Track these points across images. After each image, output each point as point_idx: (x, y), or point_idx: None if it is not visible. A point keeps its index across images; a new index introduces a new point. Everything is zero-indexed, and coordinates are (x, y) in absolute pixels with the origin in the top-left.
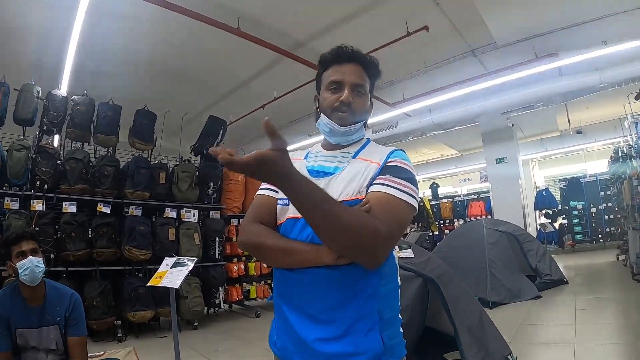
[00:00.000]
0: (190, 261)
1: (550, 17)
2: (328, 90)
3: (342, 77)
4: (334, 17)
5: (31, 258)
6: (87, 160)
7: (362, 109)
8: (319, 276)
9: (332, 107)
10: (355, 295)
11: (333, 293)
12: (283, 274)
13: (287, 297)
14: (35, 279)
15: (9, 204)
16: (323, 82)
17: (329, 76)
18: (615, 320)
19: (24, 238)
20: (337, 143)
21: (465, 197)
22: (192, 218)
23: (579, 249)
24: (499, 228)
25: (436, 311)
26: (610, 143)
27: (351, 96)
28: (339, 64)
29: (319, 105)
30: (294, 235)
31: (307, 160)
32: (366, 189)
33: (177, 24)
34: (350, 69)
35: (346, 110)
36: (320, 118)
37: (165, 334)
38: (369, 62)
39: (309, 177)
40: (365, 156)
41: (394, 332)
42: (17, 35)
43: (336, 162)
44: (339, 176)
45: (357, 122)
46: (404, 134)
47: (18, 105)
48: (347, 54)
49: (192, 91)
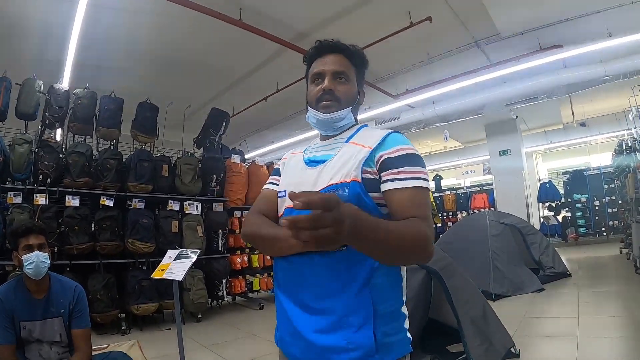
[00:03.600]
0: (193, 253)
1: (555, 8)
2: (312, 84)
3: (323, 67)
4: (337, 8)
5: (37, 252)
6: (89, 153)
7: (346, 96)
8: (310, 262)
9: (317, 97)
10: (347, 284)
11: (324, 280)
12: (278, 263)
13: (283, 286)
14: (40, 274)
15: (12, 198)
16: (308, 77)
17: (312, 70)
18: (618, 314)
19: (33, 232)
20: (327, 133)
21: (468, 189)
22: (195, 210)
23: (582, 242)
24: (502, 220)
25: (439, 303)
26: (614, 136)
27: (333, 84)
28: (321, 56)
29: (307, 100)
30: None
31: (305, 153)
32: (356, 171)
33: (179, 16)
34: (331, 59)
35: (329, 98)
36: (309, 111)
37: (169, 326)
38: (352, 51)
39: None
40: (357, 140)
41: (393, 328)
42: (18, 30)
43: (330, 149)
44: (331, 162)
45: (342, 108)
46: (407, 126)
47: (20, 99)
48: (328, 46)
49: (195, 83)
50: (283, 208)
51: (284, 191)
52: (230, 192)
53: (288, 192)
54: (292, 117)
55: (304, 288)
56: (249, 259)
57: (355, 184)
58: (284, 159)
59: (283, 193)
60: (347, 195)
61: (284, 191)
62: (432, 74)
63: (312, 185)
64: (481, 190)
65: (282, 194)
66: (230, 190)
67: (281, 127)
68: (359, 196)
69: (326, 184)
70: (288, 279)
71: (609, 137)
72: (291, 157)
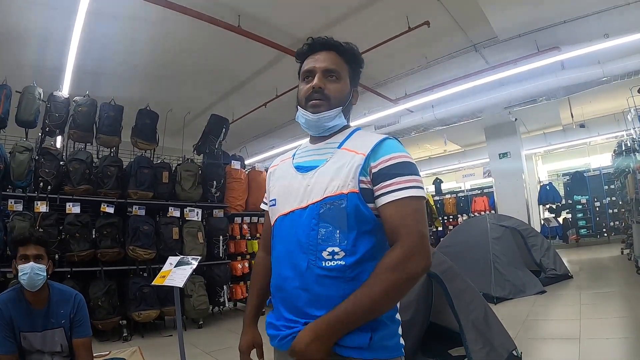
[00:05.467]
0: (194, 260)
1: (552, 10)
2: (303, 82)
3: (314, 64)
4: (335, 13)
5: (32, 264)
6: (90, 160)
7: (336, 95)
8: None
9: (306, 96)
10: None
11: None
12: (272, 291)
13: (276, 296)
14: (33, 286)
15: (13, 205)
16: (300, 75)
17: (303, 67)
18: (620, 315)
19: (30, 242)
20: (316, 134)
21: (468, 192)
22: (196, 217)
23: (583, 244)
24: (502, 223)
25: (441, 307)
26: (614, 137)
27: (323, 82)
28: (313, 53)
29: (297, 99)
30: (285, 232)
31: (294, 158)
32: (353, 182)
33: (178, 23)
34: (322, 56)
35: (319, 97)
36: (298, 111)
37: (170, 332)
38: (345, 48)
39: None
40: (350, 146)
41: (389, 333)
42: (18, 38)
43: (321, 154)
44: (323, 168)
45: (332, 108)
46: (406, 130)
47: (20, 107)
48: (319, 43)
49: (194, 90)
50: (275, 217)
51: (274, 200)
52: (231, 199)
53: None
54: (291, 122)
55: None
56: (250, 265)
57: (353, 196)
58: (273, 166)
59: (273, 202)
60: (345, 208)
61: (274, 200)
62: (431, 78)
63: (304, 194)
64: (481, 193)
65: (272, 203)
66: (230, 197)
67: (281, 133)
68: (357, 208)
69: (322, 196)
70: (279, 293)
71: (608, 138)
72: (280, 164)
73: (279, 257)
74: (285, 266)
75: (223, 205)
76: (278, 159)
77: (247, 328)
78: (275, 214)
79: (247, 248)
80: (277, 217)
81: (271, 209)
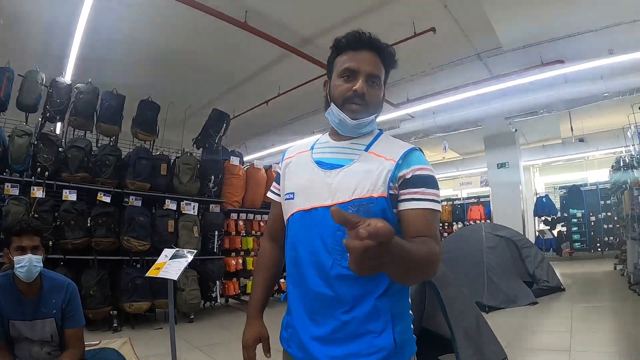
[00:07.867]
0: (189, 253)
1: (558, 24)
2: (341, 78)
3: (358, 65)
4: (342, 15)
5: (30, 256)
6: (88, 148)
7: (375, 102)
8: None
9: (344, 97)
10: (368, 294)
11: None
12: (290, 290)
13: (294, 294)
14: (31, 277)
15: (9, 189)
16: (336, 67)
17: (343, 62)
18: (611, 329)
19: (27, 232)
20: (346, 134)
21: (465, 200)
22: (192, 211)
23: (576, 257)
24: (498, 233)
25: (433, 313)
26: (612, 152)
27: (365, 87)
28: (355, 50)
29: (330, 93)
30: (306, 230)
31: (314, 152)
32: (383, 187)
33: (184, 15)
34: (367, 57)
35: (359, 102)
36: (331, 107)
37: (161, 325)
38: (387, 52)
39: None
40: (378, 151)
41: (404, 327)
42: (23, 21)
43: (347, 153)
44: (351, 169)
45: (369, 115)
46: (406, 135)
47: (22, 91)
48: (365, 40)
49: (196, 83)
50: (291, 211)
51: (292, 193)
52: (228, 194)
53: (326, 206)
54: (292, 121)
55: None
56: (243, 261)
57: (382, 200)
58: (288, 158)
59: (291, 195)
60: (374, 211)
61: (292, 193)
62: (434, 85)
63: (329, 193)
64: (478, 202)
65: (289, 196)
66: (227, 192)
67: (281, 131)
68: (384, 212)
69: (350, 197)
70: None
71: (607, 153)
72: (297, 156)
73: (300, 257)
74: (308, 265)
75: (220, 200)
76: (292, 151)
77: (252, 320)
78: (293, 207)
79: (242, 245)
80: (296, 211)
81: (288, 202)
